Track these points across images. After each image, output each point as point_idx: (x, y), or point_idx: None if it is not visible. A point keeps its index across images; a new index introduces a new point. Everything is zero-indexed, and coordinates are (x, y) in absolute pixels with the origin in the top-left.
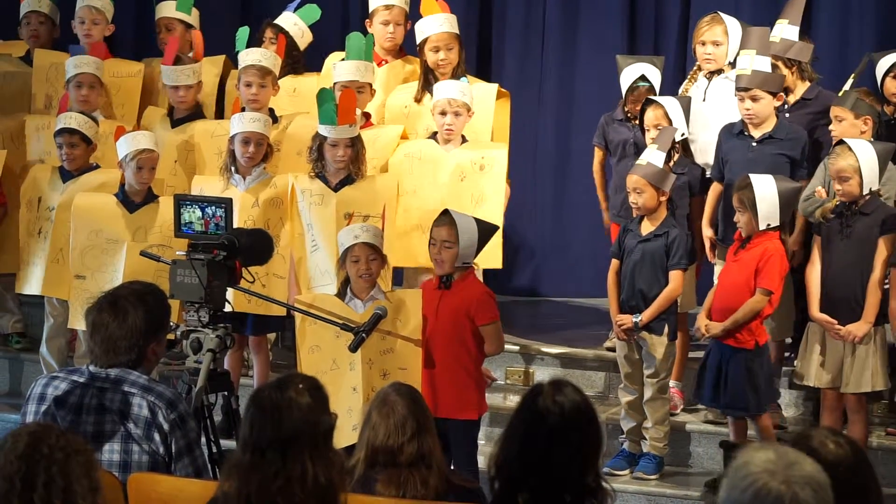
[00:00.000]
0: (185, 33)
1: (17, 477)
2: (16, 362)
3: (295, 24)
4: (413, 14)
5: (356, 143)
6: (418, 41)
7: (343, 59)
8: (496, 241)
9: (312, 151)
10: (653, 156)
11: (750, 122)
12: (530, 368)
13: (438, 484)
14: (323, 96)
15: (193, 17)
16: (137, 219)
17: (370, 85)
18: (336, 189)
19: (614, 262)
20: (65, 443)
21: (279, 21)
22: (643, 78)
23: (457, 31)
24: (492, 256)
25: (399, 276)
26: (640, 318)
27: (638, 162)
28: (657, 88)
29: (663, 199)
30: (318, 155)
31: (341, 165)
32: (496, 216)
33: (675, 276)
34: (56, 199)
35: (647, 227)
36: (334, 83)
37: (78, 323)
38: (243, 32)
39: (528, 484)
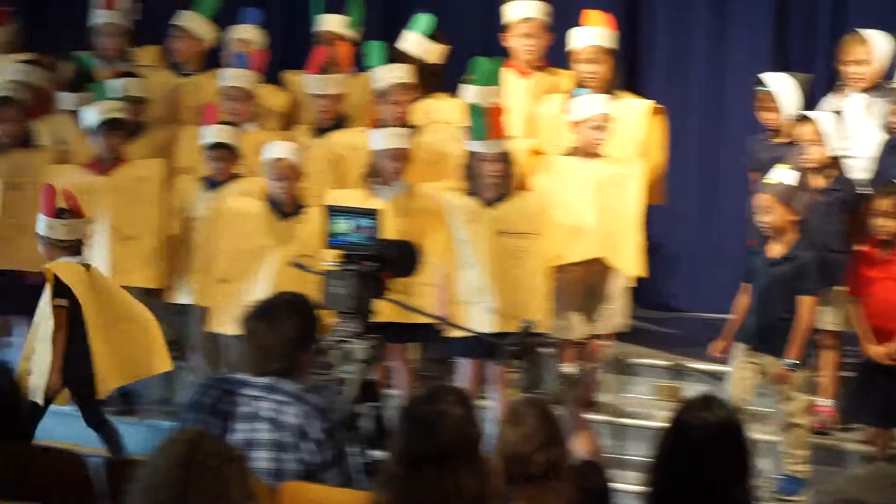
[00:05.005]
0: (347, 48)
1: (172, 484)
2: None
3: (418, 42)
4: (568, 25)
5: (508, 159)
6: (569, 51)
7: (471, 83)
8: (640, 248)
9: (466, 168)
10: (783, 174)
11: None
12: (678, 384)
13: (572, 494)
14: (473, 112)
15: (356, 32)
16: (285, 227)
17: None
18: (490, 205)
19: (744, 286)
20: (219, 450)
21: (403, 46)
22: (760, 82)
23: (609, 45)
24: (635, 263)
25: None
26: (789, 362)
27: (768, 180)
28: (783, 96)
29: (793, 218)
30: (470, 172)
31: (495, 180)
32: (633, 231)
33: (804, 303)
34: (201, 209)
35: (775, 250)
36: None
37: (217, 326)
38: (376, 48)
39: (676, 499)
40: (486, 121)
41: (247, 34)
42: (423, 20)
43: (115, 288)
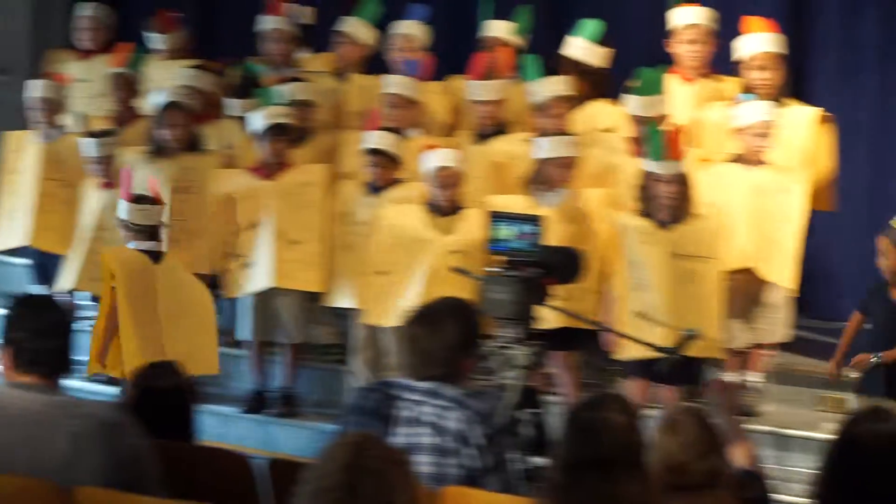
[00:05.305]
0: (510, 54)
1: (338, 488)
2: (330, 373)
3: (585, 48)
4: (731, 33)
5: (684, 180)
6: (738, 59)
7: (635, 94)
8: (795, 259)
9: (641, 189)
10: None
11: None
12: (843, 395)
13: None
14: (652, 132)
15: (523, 39)
16: (444, 223)
17: (663, 115)
18: (665, 227)
19: (857, 314)
20: (384, 453)
21: (568, 51)
22: None
23: (780, 50)
24: (788, 274)
25: None
26: (880, 357)
27: (892, 222)
28: None
29: None
30: (645, 193)
31: (670, 202)
32: (792, 240)
33: None
34: (365, 214)
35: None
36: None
37: (373, 319)
38: (531, 61)
39: None
40: (663, 141)
41: (411, 30)
42: (591, 25)
43: (186, 283)
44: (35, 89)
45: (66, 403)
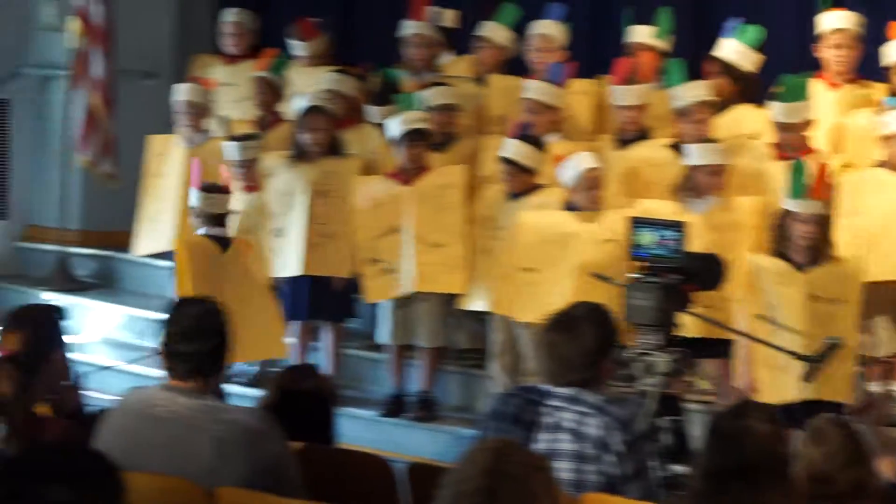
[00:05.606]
0: (654, 58)
1: (478, 492)
2: (468, 377)
3: (738, 51)
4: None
5: (824, 221)
6: (886, 64)
7: (780, 100)
8: None
9: (777, 228)
10: None
11: None
12: None
13: None
14: (795, 169)
15: (665, 42)
16: (588, 219)
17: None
18: (801, 269)
19: None
20: (526, 459)
21: (719, 52)
22: None
23: None
24: None
25: None
26: None
27: None
28: None
29: None
30: (781, 232)
31: (807, 243)
32: None
33: None
34: (506, 219)
35: None
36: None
37: (514, 313)
38: (675, 66)
39: None
40: (806, 178)
41: (549, 30)
42: (752, 31)
43: (251, 270)
44: (181, 93)
45: (212, 408)
